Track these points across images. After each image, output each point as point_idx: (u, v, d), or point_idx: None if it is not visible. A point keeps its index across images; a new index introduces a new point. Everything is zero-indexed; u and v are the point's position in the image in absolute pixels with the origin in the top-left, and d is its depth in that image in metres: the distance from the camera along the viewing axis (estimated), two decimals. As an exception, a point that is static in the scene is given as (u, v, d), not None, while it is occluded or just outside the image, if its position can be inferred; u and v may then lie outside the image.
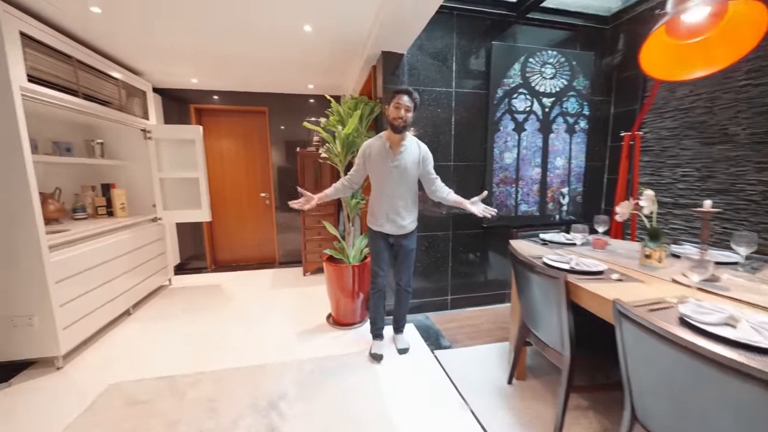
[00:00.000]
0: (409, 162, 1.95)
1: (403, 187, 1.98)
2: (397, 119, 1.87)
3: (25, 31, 1.82)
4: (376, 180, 2.01)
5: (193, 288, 3.47)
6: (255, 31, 2.31)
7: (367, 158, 2.00)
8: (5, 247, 1.83)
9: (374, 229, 2.07)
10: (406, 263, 2.12)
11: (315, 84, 3.63)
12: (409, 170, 1.96)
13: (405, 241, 2.07)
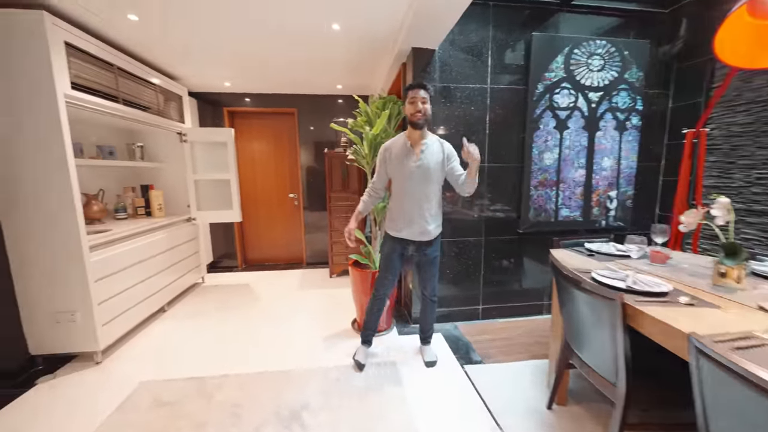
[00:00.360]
0: (432, 161, 1.83)
1: (427, 188, 1.85)
2: (416, 114, 1.78)
3: (69, 41, 1.91)
4: (397, 182, 1.89)
5: (225, 286, 3.55)
6: (283, 32, 2.29)
7: (388, 160, 1.90)
8: (51, 247, 1.93)
9: (393, 234, 1.94)
10: (430, 272, 2.00)
11: (344, 84, 3.59)
12: (432, 170, 1.83)
13: (428, 249, 1.93)
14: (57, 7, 1.84)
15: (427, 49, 2.34)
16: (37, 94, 1.80)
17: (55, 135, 1.84)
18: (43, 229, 1.91)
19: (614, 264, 1.63)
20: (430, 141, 1.86)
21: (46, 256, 1.94)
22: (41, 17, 1.74)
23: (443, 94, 2.41)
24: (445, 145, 1.90)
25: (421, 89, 1.78)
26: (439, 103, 2.41)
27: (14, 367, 1.94)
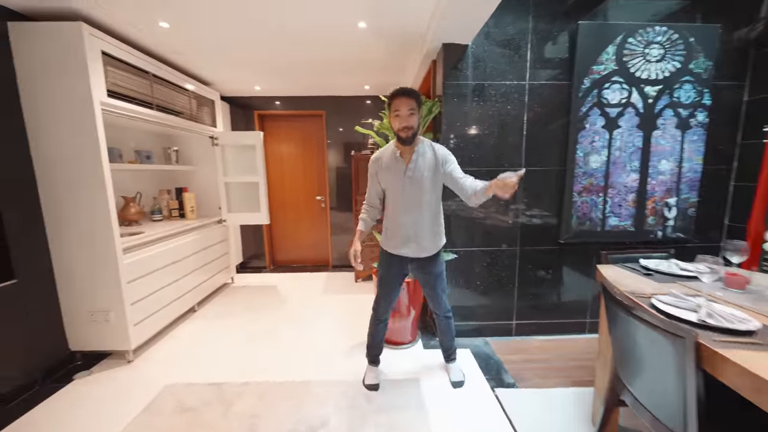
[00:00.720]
0: (426, 169, 1.65)
1: (422, 199, 1.68)
2: (402, 130, 1.59)
3: (106, 50, 1.97)
4: (390, 195, 1.74)
5: (252, 288, 3.60)
6: (309, 33, 2.23)
7: (379, 172, 1.75)
8: (88, 249, 2.01)
9: (389, 251, 1.78)
10: (438, 289, 1.83)
11: (371, 84, 3.50)
12: (426, 178, 1.65)
13: (430, 266, 1.77)
14: (94, 17, 1.91)
15: (459, 45, 2.17)
16: (74, 102, 1.87)
17: (92, 141, 1.91)
18: (81, 231, 1.99)
19: (678, 288, 1.39)
20: (422, 148, 1.68)
21: (84, 257, 2.03)
22: (79, 28, 1.80)
23: (476, 92, 2.23)
24: (438, 149, 1.70)
25: (403, 96, 1.57)
26: (472, 102, 2.24)
27: (55, 362, 2.04)
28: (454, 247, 2.38)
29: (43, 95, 1.87)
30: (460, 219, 2.36)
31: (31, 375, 1.90)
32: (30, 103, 1.87)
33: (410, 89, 1.60)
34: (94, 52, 1.88)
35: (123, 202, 2.71)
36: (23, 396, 1.84)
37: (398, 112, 1.58)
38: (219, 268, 3.37)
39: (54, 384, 1.95)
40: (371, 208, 1.85)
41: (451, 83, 2.22)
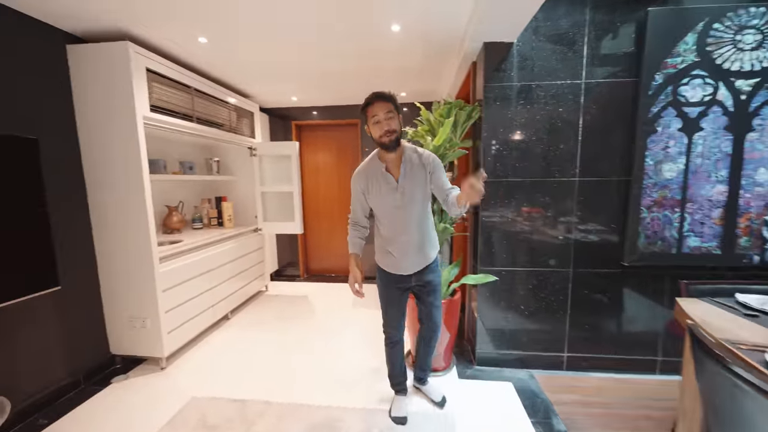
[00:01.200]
0: (416, 182, 1.51)
1: (414, 214, 1.55)
2: (384, 135, 1.44)
3: (150, 67, 2.06)
4: (380, 214, 1.61)
5: (285, 297, 3.60)
6: (342, 40, 2.16)
7: (365, 190, 1.59)
8: (128, 256, 2.09)
9: (389, 271, 1.66)
10: (434, 301, 1.70)
11: (408, 91, 3.38)
12: (417, 190, 1.52)
13: (430, 275, 1.66)
14: (139, 36, 2.01)
15: (503, 43, 1.97)
16: (120, 116, 1.97)
17: (134, 153, 1.98)
18: (124, 239, 2.08)
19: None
20: (408, 156, 1.52)
21: (125, 264, 2.11)
22: (126, 47, 1.90)
23: (522, 94, 2.00)
24: (424, 154, 1.54)
25: (379, 101, 1.43)
26: (517, 105, 2.01)
27: (97, 364, 2.13)
28: (493, 266, 2.14)
29: (93, 110, 1.99)
30: (501, 234, 2.13)
31: (75, 375, 1.99)
32: (83, 117, 2.00)
33: (383, 93, 1.47)
34: (139, 69, 1.97)
35: (167, 210, 2.84)
36: (68, 395, 1.93)
37: (376, 117, 1.44)
38: (254, 276, 3.41)
39: (94, 386, 2.03)
40: (360, 227, 1.72)
41: (493, 85, 2.02)
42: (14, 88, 1.71)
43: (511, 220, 2.12)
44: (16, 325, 1.70)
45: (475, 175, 1.24)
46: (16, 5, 1.67)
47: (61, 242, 1.90)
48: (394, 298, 1.69)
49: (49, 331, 1.86)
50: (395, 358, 1.79)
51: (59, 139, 1.92)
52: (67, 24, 1.87)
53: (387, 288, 1.70)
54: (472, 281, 2.05)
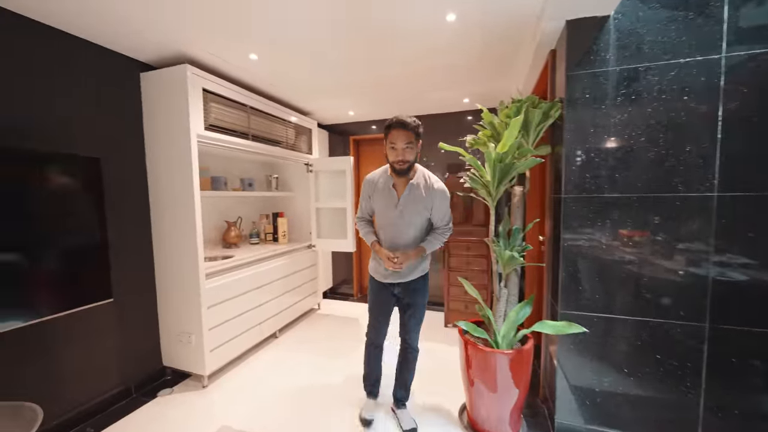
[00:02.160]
0: (417, 203, 1.64)
1: (408, 232, 1.69)
2: (397, 162, 1.57)
3: (207, 87, 2.12)
4: (379, 222, 1.76)
5: (336, 318, 3.44)
6: (392, 37, 1.95)
7: (371, 195, 1.76)
8: (180, 271, 2.13)
9: (376, 278, 1.79)
10: (415, 317, 1.77)
11: (471, 95, 3.01)
12: (414, 215, 1.67)
13: (412, 291, 1.75)
14: (196, 58, 2.08)
15: (593, 18, 1.51)
16: (178, 134, 2.04)
17: (186, 171, 2.03)
18: (177, 255, 2.13)
19: None
20: (416, 181, 1.65)
21: (178, 279, 2.16)
22: (184, 70, 1.97)
23: (623, 82, 1.50)
24: (433, 184, 1.65)
25: (399, 128, 1.54)
26: (615, 97, 1.52)
27: (149, 375, 2.19)
28: (581, 310, 1.61)
29: (157, 131, 2.11)
30: (592, 264, 1.60)
31: (127, 383, 2.06)
32: (149, 139, 2.14)
33: (408, 121, 1.55)
34: (195, 89, 2.03)
35: (226, 226, 2.94)
36: (119, 404, 1.99)
37: (394, 145, 1.56)
38: (305, 294, 3.33)
39: (143, 397, 2.07)
40: (368, 221, 1.86)
41: (579, 74, 1.56)
42: (96, 114, 1.89)
43: (605, 246, 1.58)
44: (75, 334, 1.80)
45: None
46: (101, 41, 1.86)
47: (123, 256, 2.01)
48: (380, 308, 1.81)
49: (107, 341, 1.96)
50: (371, 362, 1.89)
51: (130, 161, 2.08)
52: (141, 54, 2.03)
53: (376, 296, 1.81)
54: (550, 330, 1.55)
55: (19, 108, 1.60)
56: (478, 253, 2.96)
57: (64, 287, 1.57)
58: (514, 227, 1.81)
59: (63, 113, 1.75)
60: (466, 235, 2.99)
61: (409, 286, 1.74)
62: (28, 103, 1.63)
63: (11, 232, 1.40)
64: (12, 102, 1.57)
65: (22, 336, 1.58)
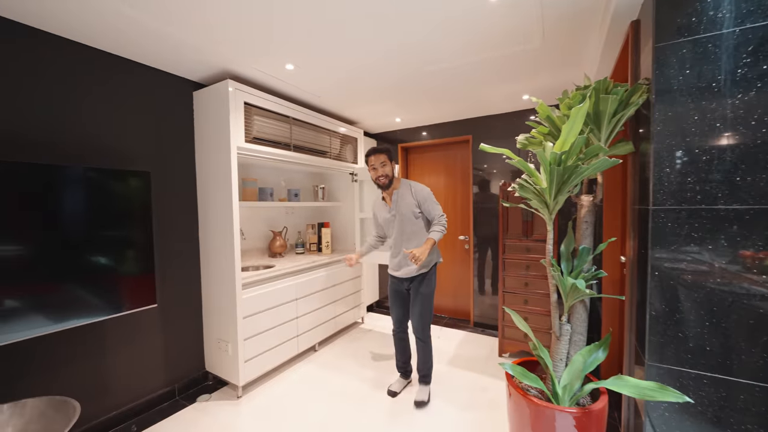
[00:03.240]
0: (405, 207, 2.04)
1: (404, 230, 2.06)
2: (377, 179, 2.05)
3: (248, 100, 2.17)
4: (385, 229, 2.19)
5: (379, 334, 3.25)
6: (434, 29, 1.75)
7: (375, 214, 2.24)
8: (221, 279, 2.17)
9: (391, 273, 2.17)
10: (416, 308, 2.06)
11: (532, 91, 2.62)
12: (406, 216, 2.04)
13: (419, 285, 2.05)
14: (237, 72, 2.14)
15: (696, -32, 1.11)
16: (221, 148, 2.11)
17: (225, 182, 2.08)
18: (218, 264, 2.19)
19: None
20: (401, 190, 2.08)
21: (218, 288, 2.21)
22: (227, 85, 2.04)
23: (745, 49, 1.06)
24: (416, 190, 2.04)
25: (374, 154, 2.03)
26: (730, 76, 1.08)
27: (191, 378, 2.27)
28: (680, 363, 1.17)
29: (205, 146, 2.22)
30: (697, 297, 1.15)
31: (171, 385, 2.15)
32: (198, 154, 2.26)
33: (379, 147, 2.05)
34: (237, 102, 2.09)
35: (272, 235, 3.01)
36: (161, 405, 2.08)
37: (373, 165, 2.04)
38: (348, 307, 3.23)
39: (183, 400, 2.14)
40: (378, 237, 2.32)
41: (675, 44, 1.16)
42: (157, 132, 2.06)
43: (719, 271, 1.12)
44: (123, 337, 1.92)
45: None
46: (158, 65, 2.02)
47: (170, 262, 2.13)
48: (394, 297, 2.20)
49: (156, 343, 2.07)
50: (398, 349, 2.27)
51: (180, 175, 2.21)
52: (193, 74, 2.17)
53: (390, 288, 2.22)
54: (632, 392, 1.14)
55: (101, 129, 1.79)
56: (539, 274, 2.52)
57: (115, 292, 1.68)
58: (581, 247, 1.43)
59: (119, 130, 1.93)
60: (523, 252, 2.58)
61: (420, 278, 2.04)
62: (105, 124, 1.81)
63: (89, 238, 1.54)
64: (95, 124, 1.76)
65: (82, 334, 1.73)
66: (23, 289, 1.43)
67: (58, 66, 1.67)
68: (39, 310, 1.47)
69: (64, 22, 1.56)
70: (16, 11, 1.48)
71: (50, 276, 1.49)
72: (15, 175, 1.39)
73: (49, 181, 1.48)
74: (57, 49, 1.66)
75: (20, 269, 1.41)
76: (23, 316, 1.42)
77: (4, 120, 1.52)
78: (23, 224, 1.42)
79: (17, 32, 1.54)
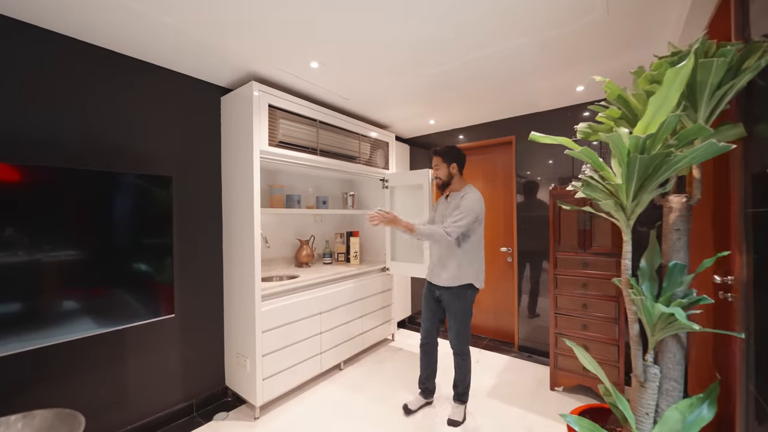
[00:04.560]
0: (446, 213, 1.99)
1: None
2: (434, 180, 2.08)
3: (273, 103, 2.08)
4: None
5: (410, 354, 2.97)
6: (468, 10, 1.52)
7: (437, 205, 2.19)
8: (242, 292, 2.06)
9: (426, 276, 2.12)
10: (452, 325, 1.95)
11: (588, 80, 2.27)
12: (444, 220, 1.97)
13: (450, 299, 1.94)
14: (260, 74, 2.06)
15: None
16: (244, 152, 2.03)
17: (248, 188, 1.99)
18: (239, 274, 2.09)
19: None
20: (452, 195, 2.02)
21: (238, 299, 2.10)
22: (251, 88, 1.97)
23: None
24: (466, 195, 1.93)
25: (433, 156, 2.04)
26: None
27: (210, 393, 2.16)
28: None
29: (230, 150, 2.16)
30: None
31: (189, 400, 2.05)
32: (224, 158, 2.20)
33: (438, 149, 2.03)
34: (261, 105, 2.01)
35: (299, 244, 2.89)
36: (178, 421, 1.98)
37: (432, 166, 2.08)
38: (377, 322, 3.00)
39: (200, 417, 2.02)
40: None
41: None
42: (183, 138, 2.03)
43: None
44: (141, 346, 1.85)
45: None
46: (185, 70, 2.01)
47: (192, 271, 2.06)
48: (425, 302, 2.09)
49: (174, 355, 1.99)
50: (423, 362, 2.10)
51: (209, 180, 2.16)
52: (220, 79, 2.14)
53: (424, 293, 2.10)
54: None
55: (107, 130, 1.78)
56: (601, 293, 2.11)
57: (130, 301, 1.62)
58: (671, 263, 1.09)
59: (147, 136, 1.91)
60: (579, 266, 2.19)
61: (448, 292, 1.94)
62: (128, 127, 1.81)
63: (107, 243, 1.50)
64: (127, 128, 1.76)
65: (99, 342, 1.68)
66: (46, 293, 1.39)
67: (112, 86, 1.71)
68: (85, 313, 1.46)
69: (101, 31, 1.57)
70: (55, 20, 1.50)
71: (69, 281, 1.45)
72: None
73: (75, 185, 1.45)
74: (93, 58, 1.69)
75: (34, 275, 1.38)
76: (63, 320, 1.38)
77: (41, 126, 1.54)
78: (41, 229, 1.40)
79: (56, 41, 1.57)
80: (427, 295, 2.07)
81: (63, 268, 1.44)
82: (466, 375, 1.97)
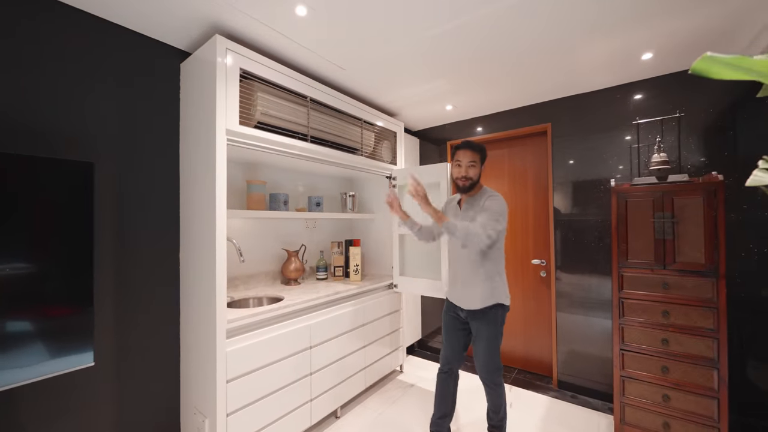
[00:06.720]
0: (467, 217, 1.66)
1: (465, 250, 1.63)
2: (460, 179, 1.67)
3: (247, 68, 1.56)
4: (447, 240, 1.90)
5: (424, 391, 2.40)
6: None
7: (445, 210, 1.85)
8: (197, 323, 1.50)
9: (447, 297, 1.79)
10: (478, 350, 1.65)
11: (657, 46, 1.75)
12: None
13: (477, 322, 1.63)
14: (228, 26, 1.52)
15: None
16: (204, 133, 1.49)
17: (208, 180, 1.45)
18: (197, 298, 1.53)
19: None
20: (476, 197, 1.68)
21: (195, 332, 1.55)
22: (214, 44, 1.44)
23: None
24: (488, 198, 1.62)
25: (467, 149, 1.65)
26: None
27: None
28: None
29: (188, 130, 1.63)
30: None
31: (130, 476, 1.48)
32: (183, 141, 1.67)
33: (474, 143, 1.67)
34: (231, 70, 1.48)
35: (286, 256, 2.34)
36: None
37: (459, 162, 1.66)
38: (383, 352, 2.43)
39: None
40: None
41: None
42: (129, 116, 1.51)
43: None
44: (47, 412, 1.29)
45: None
46: (129, 23, 1.49)
47: (140, 296, 1.51)
48: (447, 326, 1.76)
49: (102, 419, 1.42)
50: (438, 396, 1.76)
51: (163, 172, 1.63)
52: (174, 39, 1.61)
53: (445, 314, 1.78)
54: None
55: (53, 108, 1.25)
56: (691, 325, 1.56)
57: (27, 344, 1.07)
58: None
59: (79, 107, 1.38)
60: (657, 287, 1.63)
61: (477, 315, 1.63)
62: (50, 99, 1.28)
63: None
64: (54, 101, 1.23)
65: None
66: None
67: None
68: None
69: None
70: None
71: None
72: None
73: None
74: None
75: None
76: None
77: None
78: None
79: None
80: (448, 318, 1.75)
81: None
82: (500, 405, 1.69)
